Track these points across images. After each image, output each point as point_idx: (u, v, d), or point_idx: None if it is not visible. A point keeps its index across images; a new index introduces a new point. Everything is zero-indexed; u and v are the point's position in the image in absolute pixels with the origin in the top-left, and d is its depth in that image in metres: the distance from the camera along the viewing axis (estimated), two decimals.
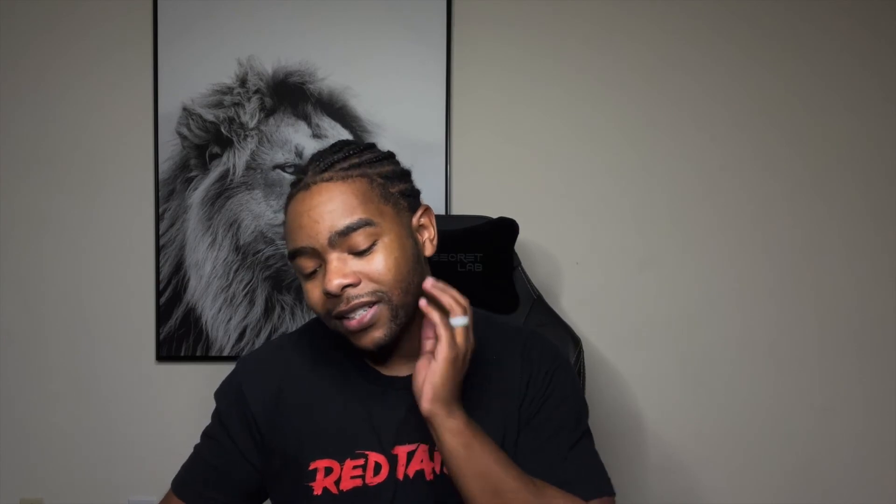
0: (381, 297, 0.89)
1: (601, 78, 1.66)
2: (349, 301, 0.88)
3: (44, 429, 1.65)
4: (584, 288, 1.66)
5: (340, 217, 0.88)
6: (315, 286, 0.90)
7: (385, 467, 0.93)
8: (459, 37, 1.64)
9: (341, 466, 0.94)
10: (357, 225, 0.88)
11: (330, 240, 0.87)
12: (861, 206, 1.66)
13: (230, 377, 1.02)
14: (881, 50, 1.66)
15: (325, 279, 0.87)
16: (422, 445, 0.94)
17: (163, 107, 1.62)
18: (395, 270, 0.89)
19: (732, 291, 1.66)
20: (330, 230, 0.87)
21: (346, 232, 0.87)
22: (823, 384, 1.66)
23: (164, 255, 1.63)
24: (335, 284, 0.87)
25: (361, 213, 0.88)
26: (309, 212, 0.88)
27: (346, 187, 0.90)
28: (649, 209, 1.66)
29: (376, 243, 0.89)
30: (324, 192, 0.89)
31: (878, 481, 1.66)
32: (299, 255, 0.90)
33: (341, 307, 0.88)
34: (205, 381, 1.63)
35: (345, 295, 0.88)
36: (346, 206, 0.88)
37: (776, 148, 1.66)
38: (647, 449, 1.67)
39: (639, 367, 1.66)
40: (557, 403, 0.97)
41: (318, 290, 0.90)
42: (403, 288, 0.90)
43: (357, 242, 0.88)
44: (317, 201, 0.89)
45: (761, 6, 1.65)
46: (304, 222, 0.89)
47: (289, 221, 0.91)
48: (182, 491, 1.00)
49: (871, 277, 1.66)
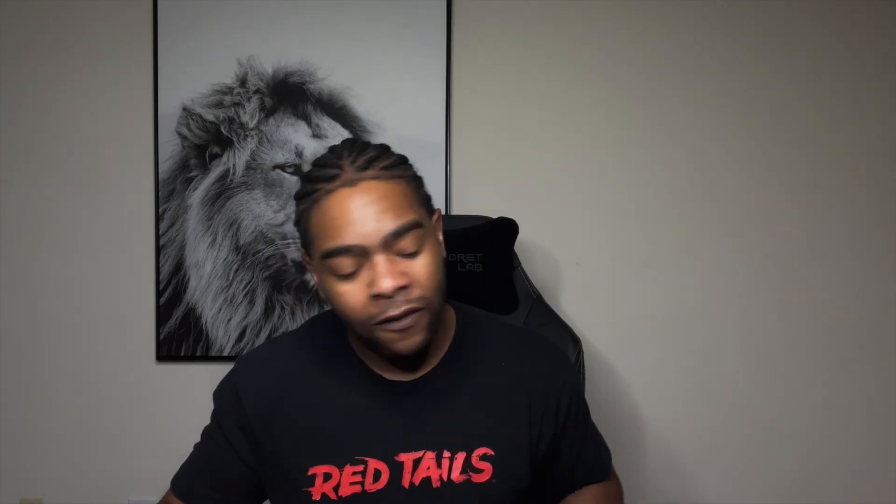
0: (426, 302, 0.86)
1: (601, 78, 1.66)
2: (399, 305, 0.84)
3: (44, 429, 1.65)
4: (583, 288, 1.66)
5: (394, 217, 0.84)
6: (356, 289, 0.85)
7: (385, 474, 0.92)
8: (459, 37, 1.65)
9: (340, 472, 0.92)
10: (410, 227, 0.85)
11: (384, 240, 0.84)
12: (863, 205, 1.66)
13: (227, 377, 1.00)
14: (884, 49, 1.65)
15: (377, 281, 0.83)
16: (428, 452, 0.93)
17: (163, 107, 1.63)
18: (437, 275, 0.87)
19: (732, 291, 1.66)
20: (383, 230, 0.83)
21: (400, 233, 0.84)
22: (824, 384, 1.66)
23: (164, 255, 1.63)
24: (389, 286, 0.83)
25: (412, 215, 0.86)
26: (359, 209, 0.83)
27: (392, 187, 0.86)
28: (649, 209, 1.66)
29: (423, 246, 0.86)
30: (372, 191, 0.84)
31: (879, 481, 1.66)
32: (340, 254, 0.84)
33: (391, 312, 0.84)
34: (205, 381, 1.64)
35: (395, 298, 0.84)
36: (398, 206, 0.85)
37: (777, 148, 1.66)
38: (646, 449, 1.67)
39: (638, 367, 1.66)
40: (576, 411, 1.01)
41: (360, 294, 0.85)
42: (441, 293, 0.89)
43: (407, 245, 0.85)
44: (366, 199, 0.84)
45: (764, 4, 1.65)
46: (352, 219, 0.83)
47: (324, 217, 0.85)
48: (180, 489, 1.00)
49: (873, 277, 1.66)
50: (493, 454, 0.94)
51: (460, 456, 0.93)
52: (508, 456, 0.95)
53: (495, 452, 0.94)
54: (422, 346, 0.88)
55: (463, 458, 0.93)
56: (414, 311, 0.85)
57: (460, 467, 0.93)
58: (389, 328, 0.85)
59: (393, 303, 0.84)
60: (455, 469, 0.92)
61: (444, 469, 0.92)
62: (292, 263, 1.63)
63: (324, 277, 0.88)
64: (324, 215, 0.85)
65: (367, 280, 0.85)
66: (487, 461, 0.93)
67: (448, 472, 0.92)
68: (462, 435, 0.94)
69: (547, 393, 0.98)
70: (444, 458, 0.92)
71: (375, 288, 0.83)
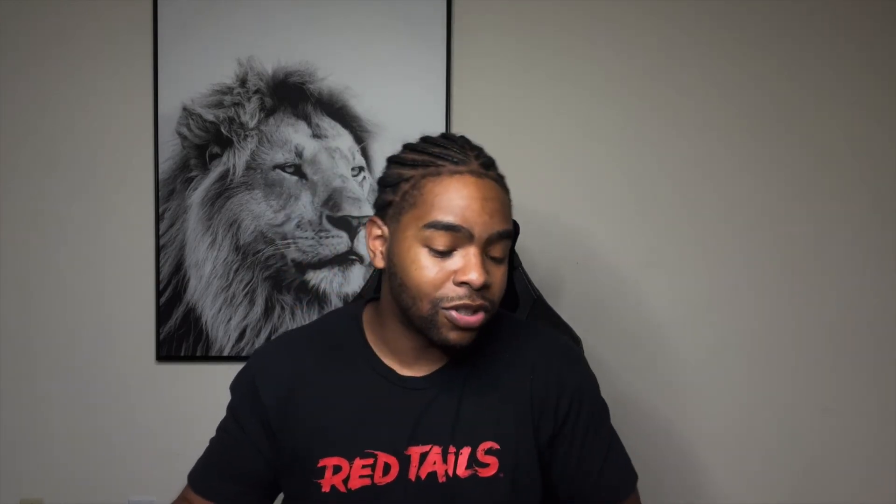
0: (492, 307, 0.91)
1: (602, 79, 1.66)
2: (475, 299, 0.88)
3: (44, 429, 1.65)
4: (584, 288, 1.66)
5: (503, 221, 0.90)
6: (441, 268, 0.88)
7: (395, 468, 0.93)
8: (459, 36, 1.64)
9: (350, 465, 0.93)
10: (508, 235, 0.90)
11: (490, 237, 0.88)
12: (870, 206, 1.66)
13: (245, 370, 1.02)
14: (893, 48, 1.65)
15: (470, 270, 0.86)
16: (435, 447, 0.93)
17: (163, 107, 1.62)
18: (503, 289, 0.92)
19: (733, 291, 1.66)
20: (494, 228, 0.88)
21: (503, 236, 0.90)
22: (827, 385, 1.66)
23: (164, 255, 1.63)
24: (479, 280, 0.86)
25: (510, 226, 0.92)
26: (481, 200, 0.88)
27: (504, 196, 0.92)
28: (650, 209, 1.66)
29: (505, 258, 0.92)
30: (494, 190, 0.90)
31: (882, 482, 1.66)
32: (447, 230, 0.87)
33: (467, 301, 0.87)
34: (205, 381, 1.64)
35: (476, 292, 0.88)
36: (506, 213, 0.91)
37: (783, 146, 1.66)
38: (646, 448, 1.67)
39: (639, 368, 1.66)
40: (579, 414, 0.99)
41: (443, 274, 0.88)
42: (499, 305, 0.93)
43: (498, 251, 0.90)
44: (490, 195, 0.89)
45: (770, 3, 1.65)
46: (473, 206, 0.87)
47: (443, 192, 0.88)
48: (197, 483, 1.01)
49: (876, 278, 1.66)
50: (499, 448, 0.94)
51: (465, 451, 0.93)
52: (515, 450, 0.95)
53: (501, 446, 0.94)
54: (470, 343, 0.91)
55: (468, 452, 0.93)
56: (483, 310, 0.89)
57: (466, 462, 0.93)
58: (458, 317, 0.88)
59: (471, 296, 0.88)
60: (461, 464, 0.93)
61: (450, 464, 0.93)
62: (292, 263, 1.63)
63: (410, 245, 0.89)
64: (445, 189, 0.88)
65: (456, 265, 0.88)
66: (493, 455, 0.94)
67: (454, 467, 0.93)
68: (468, 430, 0.94)
69: (548, 387, 0.98)
70: (449, 453, 0.93)
71: (466, 276, 0.87)
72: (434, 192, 0.88)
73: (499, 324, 1.00)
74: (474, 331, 0.90)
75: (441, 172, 0.89)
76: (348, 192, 1.62)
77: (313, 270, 1.63)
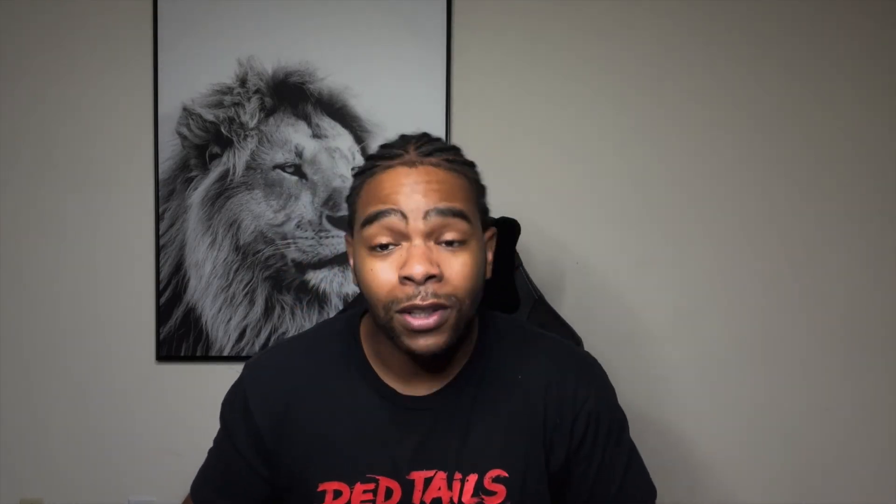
0: (454, 302, 0.82)
1: (602, 78, 1.65)
2: (426, 297, 0.80)
3: (44, 429, 1.65)
4: (584, 288, 1.66)
5: (442, 199, 0.82)
6: (385, 267, 0.82)
7: (397, 493, 0.89)
8: (459, 37, 1.64)
9: (351, 490, 0.89)
10: (457, 212, 0.83)
11: (426, 214, 0.81)
12: (872, 206, 1.65)
13: (236, 387, 0.96)
14: (887, 50, 1.66)
15: (409, 262, 0.80)
16: (440, 472, 0.90)
17: (163, 107, 1.62)
18: (474, 279, 0.84)
19: (732, 291, 1.66)
20: (429, 205, 0.81)
21: (445, 213, 0.82)
22: (824, 384, 1.66)
23: (164, 255, 1.63)
24: (420, 271, 0.79)
25: (460, 205, 0.84)
26: (410, 185, 0.82)
27: (451, 177, 0.85)
28: (649, 209, 1.66)
29: (465, 242, 0.83)
30: (431, 174, 0.84)
31: (878, 481, 1.66)
32: (379, 218, 0.82)
33: (416, 301, 0.80)
34: (205, 381, 1.64)
35: (423, 288, 0.80)
36: (451, 193, 0.84)
37: (784, 146, 1.66)
38: (646, 449, 1.66)
39: (639, 367, 1.66)
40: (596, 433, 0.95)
41: (387, 273, 0.81)
42: (473, 300, 0.85)
43: (448, 233, 0.82)
44: (422, 178, 0.83)
45: (764, 11, 1.65)
46: (402, 190, 0.82)
47: (376, 187, 0.84)
48: (197, 497, 0.99)
49: (878, 278, 1.66)
50: (508, 476, 0.90)
51: (472, 478, 0.90)
52: (523, 477, 0.91)
53: (509, 474, 0.90)
54: (444, 347, 0.83)
55: (475, 480, 0.90)
56: (440, 308, 0.81)
57: (472, 490, 0.89)
58: (411, 321, 0.81)
59: (418, 293, 0.81)
60: (466, 492, 0.89)
61: (455, 491, 0.89)
62: (292, 263, 1.63)
63: (359, 253, 0.85)
64: (375, 186, 0.85)
65: (400, 260, 0.82)
66: (501, 483, 0.90)
67: (459, 495, 0.89)
68: (475, 456, 0.90)
69: (562, 408, 0.92)
70: (455, 480, 0.89)
71: (406, 269, 0.80)
72: (366, 191, 0.86)
73: (508, 336, 0.96)
74: (440, 333, 0.82)
75: (375, 173, 0.86)
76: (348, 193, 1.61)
77: (313, 270, 1.62)
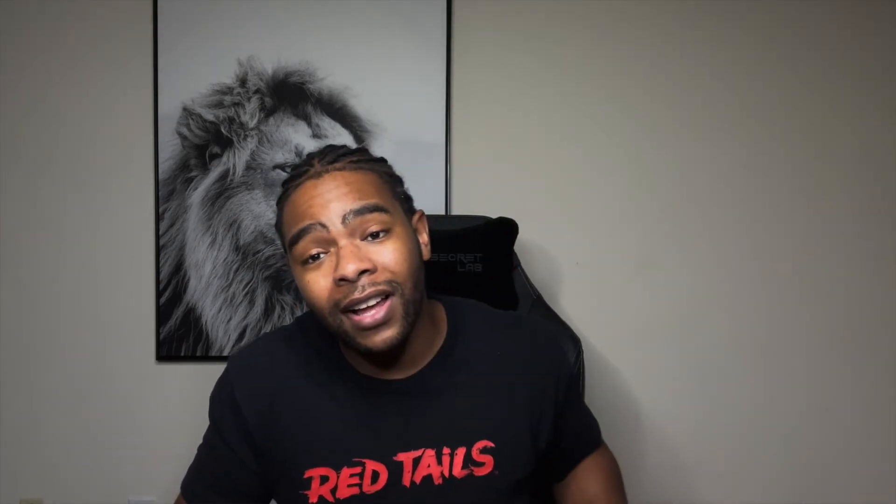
0: (395, 287, 0.85)
1: (601, 78, 1.66)
2: (364, 289, 0.83)
3: (44, 429, 1.65)
4: (583, 288, 1.66)
5: (356, 199, 0.85)
6: (319, 276, 0.85)
7: (383, 475, 0.91)
8: (459, 37, 1.64)
9: (338, 475, 0.91)
10: (373, 207, 0.85)
11: (344, 218, 0.84)
12: (874, 205, 1.66)
13: (222, 381, 0.98)
14: (885, 52, 1.65)
15: (339, 264, 0.83)
16: (427, 451, 0.92)
17: (163, 107, 1.63)
18: (409, 262, 0.86)
19: (732, 291, 1.66)
20: (345, 209, 0.84)
21: (362, 211, 0.84)
22: (823, 384, 1.66)
23: (164, 255, 1.63)
24: (352, 269, 0.82)
25: (377, 200, 0.86)
26: (322, 195, 0.85)
27: (359, 176, 0.88)
28: (649, 209, 1.66)
29: (390, 231, 0.86)
30: (338, 178, 0.86)
31: (878, 481, 1.66)
32: (303, 235, 0.84)
33: (354, 295, 0.83)
34: (205, 381, 1.62)
35: (359, 283, 0.83)
36: (362, 191, 0.86)
37: (775, 151, 1.66)
38: (646, 448, 1.67)
39: (638, 367, 1.66)
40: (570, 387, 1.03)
41: (322, 280, 0.85)
42: (414, 282, 0.87)
43: (371, 227, 0.85)
44: (331, 185, 0.86)
45: (764, 11, 1.65)
46: (314, 203, 0.85)
47: (292, 208, 0.87)
48: (188, 495, 1.00)
49: (879, 278, 1.66)
50: (494, 446, 0.94)
51: (460, 451, 0.93)
52: (509, 446, 0.95)
53: (495, 444, 0.94)
54: (399, 338, 0.86)
55: (463, 453, 0.93)
56: (380, 296, 0.84)
57: (461, 462, 0.92)
58: (359, 319, 0.84)
59: (354, 288, 0.83)
60: (456, 465, 0.92)
61: (445, 466, 0.92)
62: None
63: (295, 271, 0.88)
64: (291, 207, 0.88)
65: (331, 266, 0.84)
66: (488, 454, 0.94)
67: (449, 469, 0.92)
68: (460, 430, 0.93)
69: (544, 376, 0.99)
70: (444, 455, 0.92)
71: (338, 271, 0.82)
72: (287, 213, 0.88)
73: (474, 315, 1.00)
74: (391, 325, 0.85)
75: (288, 194, 0.89)
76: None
77: None
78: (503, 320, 1.02)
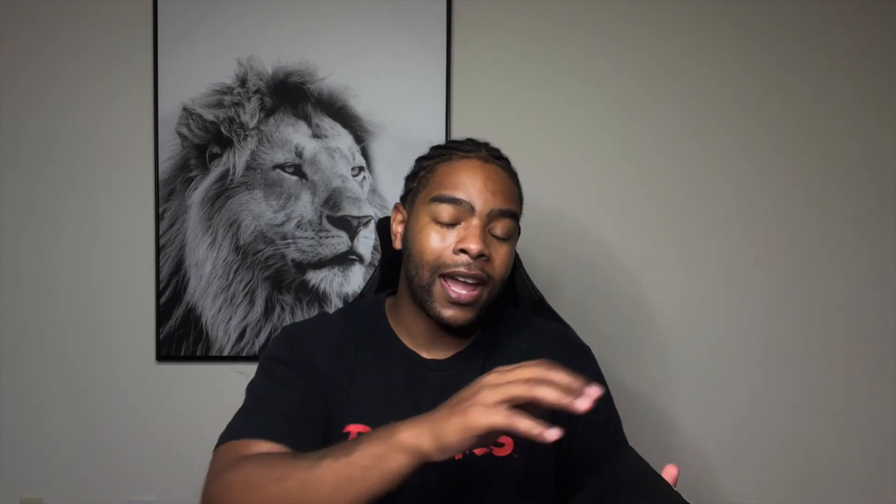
0: (492, 283, 0.97)
1: (601, 78, 1.66)
2: (471, 268, 0.95)
3: (44, 429, 1.65)
4: (583, 288, 1.66)
5: (507, 200, 0.98)
6: (444, 236, 0.96)
7: None
8: (459, 37, 1.64)
9: None
10: (513, 214, 0.99)
11: (491, 212, 0.96)
12: (876, 205, 1.66)
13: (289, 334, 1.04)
14: (883, 52, 1.66)
15: (468, 238, 0.94)
16: None
17: (163, 107, 1.62)
18: (507, 270, 0.99)
19: (733, 292, 1.66)
20: (495, 204, 0.97)
21: (505, 214, 0.97)
22: (829, 385, 1.66)
23: (164, 255, 1.63)
24: (477, 248, 0.94)
25: (515, 209, 1.01)
26: (486, 180, 0.97)
27: (512, 182, 1.02)
28: (650, 210, 1.66)
29: (510, 239, 0.99)
30: (501, 174, 0.99)
31: (878, 481, 1.66)
32: (452, 203, 0.96)
33: (461, 268, 0.95)
34: (205, 381, 1.64)
35: (474, 262, 0.95)
36: (512, 195, 1.00)
37: (775, 151, 1.66)
38: (646, 449, 1.66)
39: (639, 367, 1.66)
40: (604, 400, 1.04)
41: (445, 241, 0.96)
42: (502, 285, 0.99)
43: (502, 228, 0.97)
44: (495, 177, 0.98)
45: (762, 10, 1.65)
46: (478, 184, 0.97)
47: (452, 172, 0.98)
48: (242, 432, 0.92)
49: (881, 278, 1.66)
50: None
51: None
52: None
53: None
54: (469, 322, 0.97)
55: None
56: (480, 283, 0.95)
57: None
58: (452, 289, 0.95)
59: (469, 265, 0.95)
60: None
61: None
62: (292, 263, 1.63)
63: (420, 218, 0.99)
64: (453, 170, 0.99)
65: (457, 236, 0.96)
66: (508, 435, 0.91)
67: None
68: None
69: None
70: None
71: (465, 243, 0.94)
72: (443, 172, 0.99)
73: (513, 317, 1.09)
74: (470, 308, 0.96)
75: (452, 158, 1.01)
76: (348, 192, 1.62)
77: (313, 270, 1.63)
78: (541, 324, 1.12)
